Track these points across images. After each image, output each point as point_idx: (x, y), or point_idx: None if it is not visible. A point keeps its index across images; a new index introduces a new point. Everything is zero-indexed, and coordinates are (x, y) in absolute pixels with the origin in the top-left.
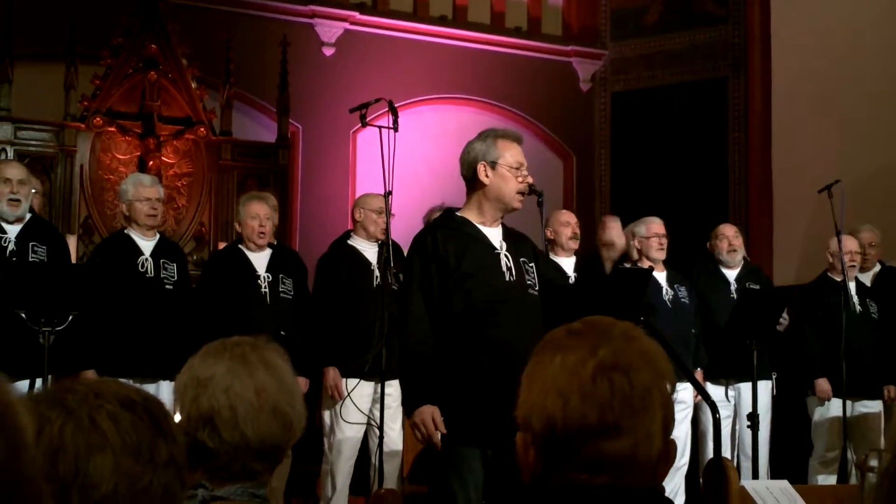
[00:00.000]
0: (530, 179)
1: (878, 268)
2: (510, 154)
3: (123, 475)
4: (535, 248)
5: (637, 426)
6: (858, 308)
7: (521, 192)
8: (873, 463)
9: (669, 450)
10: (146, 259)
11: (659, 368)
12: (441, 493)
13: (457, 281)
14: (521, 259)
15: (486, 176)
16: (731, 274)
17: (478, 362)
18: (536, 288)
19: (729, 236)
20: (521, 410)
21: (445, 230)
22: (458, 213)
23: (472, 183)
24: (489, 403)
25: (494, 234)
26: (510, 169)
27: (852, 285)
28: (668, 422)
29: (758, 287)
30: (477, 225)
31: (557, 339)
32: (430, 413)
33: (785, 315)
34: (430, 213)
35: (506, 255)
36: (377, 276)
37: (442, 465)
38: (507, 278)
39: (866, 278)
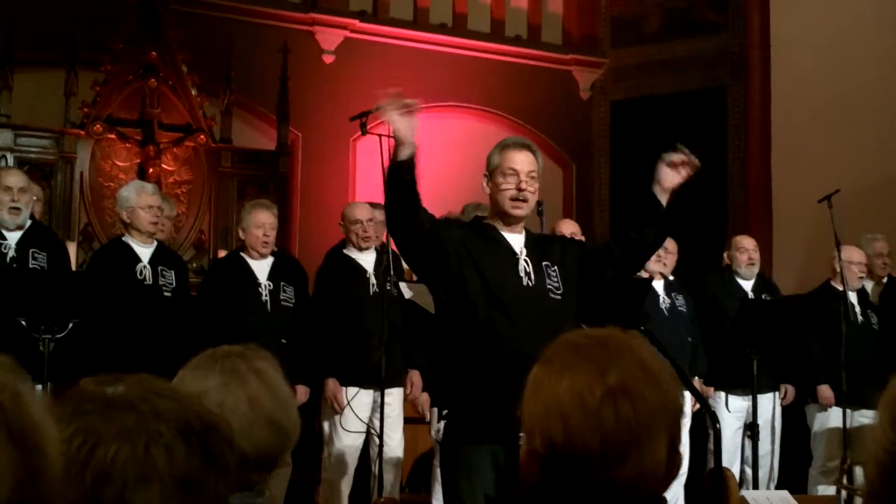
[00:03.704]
0: (525, 186)
1: (885, 280)
2: (505, 161)
3: None
4: (564, 245)
5: (642, 453)
6: (860, 318)
7: (515, 199)
8: (858, 476)
9: (675, 462)
10: (144, 266)
11: (664, 388)
12: (449, 495)
13: (473, 282)
14: (544, 263)
15: (486, 185)
16: (747, 285)
17: (489, 363)
18: (560, 291)
19: (749, 249)
20: (526, 423)
21: (467, 231)
22: (484, 220)
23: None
24: (499, 402)
25: (516, 240)
26: (503, 176)
27: (853, 295)
28: (675, 439)
29: (771, 298)
30: (499, 230)
31: (566, 355)
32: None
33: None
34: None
35: (525, 261)
36: (374, 284)
37: (450, 468)
38: (525, 282)
39: (870, 288)
